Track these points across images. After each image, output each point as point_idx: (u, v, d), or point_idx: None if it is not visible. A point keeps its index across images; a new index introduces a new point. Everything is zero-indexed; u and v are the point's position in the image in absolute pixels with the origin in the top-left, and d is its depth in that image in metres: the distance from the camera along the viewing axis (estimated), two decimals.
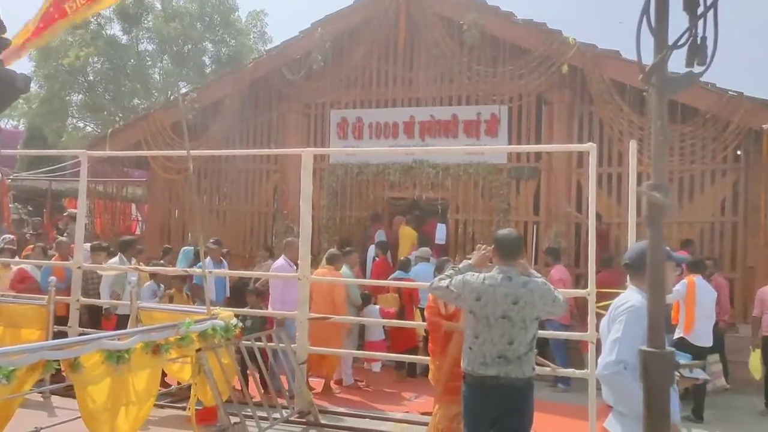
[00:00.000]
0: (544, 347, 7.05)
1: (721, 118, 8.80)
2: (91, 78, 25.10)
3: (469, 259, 4.41)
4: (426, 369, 6.04)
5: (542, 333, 7.25)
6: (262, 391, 6.15)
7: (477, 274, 4.09)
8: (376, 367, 8.88)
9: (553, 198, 9.99)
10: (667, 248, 3.02)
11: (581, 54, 9.51)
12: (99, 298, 7.86)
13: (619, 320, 2.98)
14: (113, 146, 11.59)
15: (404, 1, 10.35)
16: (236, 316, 6.09)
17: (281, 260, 8.13)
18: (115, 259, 8.13)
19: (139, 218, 16.87)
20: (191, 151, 5.52)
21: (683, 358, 2.94)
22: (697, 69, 2.09)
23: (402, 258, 9.29)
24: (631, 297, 3.09)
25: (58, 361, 3.79)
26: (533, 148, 10.05)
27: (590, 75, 9.53)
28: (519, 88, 10.12)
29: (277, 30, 43.35)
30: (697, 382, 4.15)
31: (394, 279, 8.54)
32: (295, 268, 7.18)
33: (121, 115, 24.91)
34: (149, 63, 26.79)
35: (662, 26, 1.92)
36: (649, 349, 2.03)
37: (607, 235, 9.31)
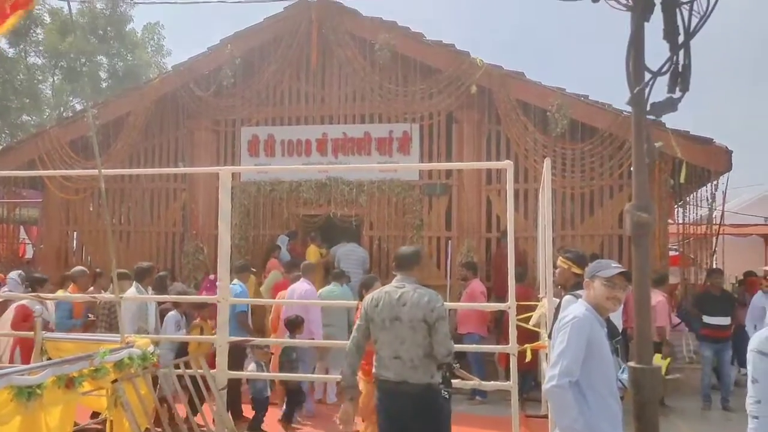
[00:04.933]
0: (461, 359, 7.17)
1: (618, 136, 9.37)
2: None
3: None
4: None
5: (461, 347, 7.42)
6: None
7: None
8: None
9: (464, 214, 10.25)
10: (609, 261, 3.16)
11: (488, 75, 9.87)
12: (115, 332, 6.82)
13: (563, 332, 3.07)
14: (4, 165, 10.83)
15: (316, 20, 10.36)
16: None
17: (305, 284, 7.81)
18: (132, 289, 7.11)
19: (27, 241, 15.80)
20: (102, 170, 5.21)
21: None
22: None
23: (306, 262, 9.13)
24: (575, 308, 3.19)
25: None
26: (451, 165, 10.31)
27: (497, 95, 9.90)
28: (430, 107, 10.36)
29: (174, 43, 42.03)
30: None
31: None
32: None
33: (8, 131, 23.31)
34: (40, 78, 25.29)
35: (640, 56, 2.02)
36: (639, 366, 2.09)
37: (523, 251, 9.65)
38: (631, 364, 2.10)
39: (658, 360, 7.83)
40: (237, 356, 6.77)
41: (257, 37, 10.71)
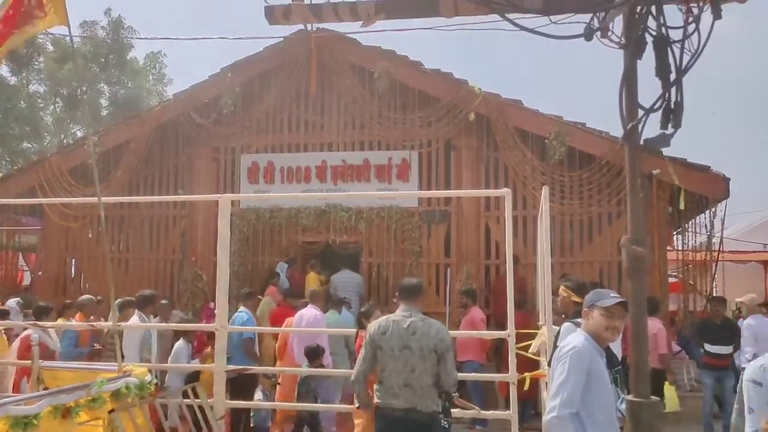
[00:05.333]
0: (460, 388, 7.12)
1: (615, 164, 9.42)
2: None
3: None
4: None
5: (462, 375, 7.36)
6: None
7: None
8: None
9: (463, 241, 10.26)
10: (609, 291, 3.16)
11: (486, 102, 9.96)
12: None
13: (563, 362, 3.06)
14: (4, 192, 10.87)
15: (316, 49, 10.48)
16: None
17: (313, 310, 7.73)
18: (135, 318, 7.09)
19: (25, 268, 15.76)
20: (101, 198, 5.23)
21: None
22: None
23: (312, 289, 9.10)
24: (574, 338, 3.18)
25: None
26: (450, 193, 10.35)
27: (495, 122, 9.98)
28: (428, 135, 10.43)
29: (176, 71, 42.47)
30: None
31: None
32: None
33: (8, 158, 23.40)
34: (41, 105, 25.46)
35: (633, 93, 2.05)
36: (636, 399, 2.08)
37: (522, 278, 9.62)
38: (629, 398, 2.09)
39: (668, 389, 7.78)
40: (246, 384, 6.78)
41: (257, 66, 10.82)
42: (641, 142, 2.14)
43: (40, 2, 4.45)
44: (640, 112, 2.13)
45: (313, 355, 6.97)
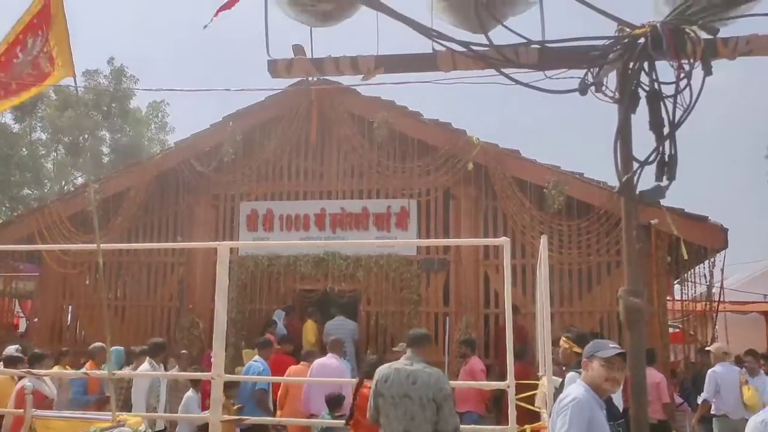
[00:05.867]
0: None
1: (614, 213, 9.46)
2: None
3: None
4: None
5: (461, 427, 7.22)
6: None
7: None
8: None
9: (462, 289, 10.22)
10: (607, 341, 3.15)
11: (484, 152, 10.08)
12: (130, 410, 6.70)
13: (563, 414, 3.02)
14: (3, 239, 10.88)
15: (316, 99, 10.65)
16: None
17: (334, 359, 7.71)
18: (145, 365, 7.14)
19: (20, 315, 15.64)
20: (101, 245, 5.25)
21: None
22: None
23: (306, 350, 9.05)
24: (574, 390, 3.15)
25: None
26: (449, 242, 10.37)
27: (493, 172, 10.07)
28: (427, 183, 10.52)
29: (177, 119, 43.05)
30: None
31: None
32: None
33: (8, 204, 23.47)
34: (42, 152, 25.69)
35: (628, 146, 2.09)
36: None
37: (522, 327, 9.55)
38: None
39: None
40: None
41: (258, 115, 10.98)
42: (637, 194, 2.17)
43: (50, 57, 4.58)
44: (635, 165, 2.17)
45: (336, 403, 6.87)
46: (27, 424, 5.41)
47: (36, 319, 12.29)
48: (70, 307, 11.86)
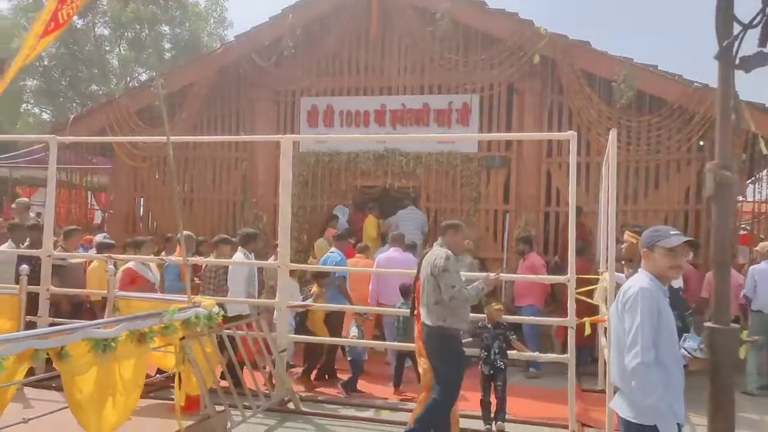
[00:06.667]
0: (517, 332, 7.16)
1: (687, 109, 9.04)
2: (47, 63, 24.27)
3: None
4: None
5: (519, 318, 7.39)
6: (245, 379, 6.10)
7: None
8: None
9: (523, 187, 10.12)
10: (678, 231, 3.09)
11: (552, 44, 9.62)
12: (221, 295, 7.17)
13: (632, 306, 2.99)
14: (75, 133, 11.23)
15: None
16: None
17: (396, 253, 8.43)
18: (239, 254, 7.54)
19: (96, 207, 16.45)
20: (170, 137, 5.39)
21: (694, 340, 2.99)
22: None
23: (361, 245, 9.31)
24: (638, 280, 3.12)
25: (46, 350, 3.68)
26: (512, 136, 10.15)
27: (560, 65, 9.65)
28: (490, 78, 10.20)
29: (237, 14, 42.72)
30: None
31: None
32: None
33: (78, 101, 24.19)
34: (107, 48, 26.03)
35: (730, 7, 1.93)
36: (716, 326, 2.02)
37: (583, 225, 9.46)
38: (708, 324, 2.04)
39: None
40: (337, 320, 7.68)
41: (318, 7, 10.71)
42: (736, 62, 2.00)
43: None
44: (736, 28, 1.96)
45: (408, 292, 7.16)
46: (110, 305, 5.83)
47: (111, 211, 12.92)
48: (141, 199, 12.37)
